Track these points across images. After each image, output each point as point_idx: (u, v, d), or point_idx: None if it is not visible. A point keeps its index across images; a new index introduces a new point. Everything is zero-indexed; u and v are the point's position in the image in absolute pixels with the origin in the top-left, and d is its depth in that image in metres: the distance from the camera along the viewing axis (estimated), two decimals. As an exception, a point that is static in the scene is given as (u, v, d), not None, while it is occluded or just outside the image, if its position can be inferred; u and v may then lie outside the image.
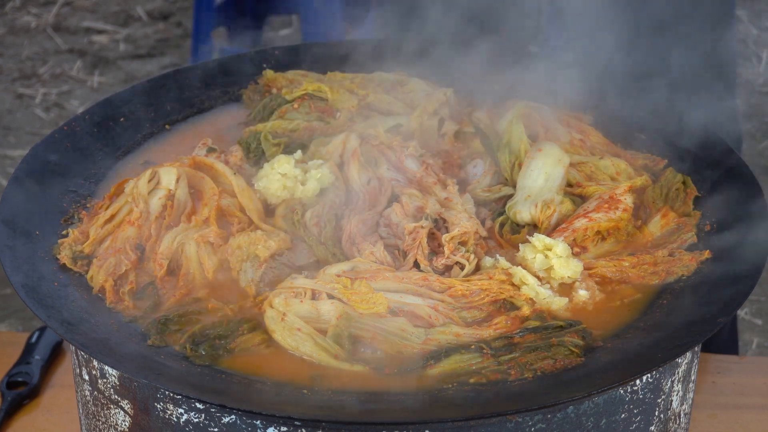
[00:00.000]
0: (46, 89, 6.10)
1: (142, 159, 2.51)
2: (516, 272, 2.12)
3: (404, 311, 2.05)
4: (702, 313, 2.04)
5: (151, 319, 2.08)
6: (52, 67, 6.28)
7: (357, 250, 2.19)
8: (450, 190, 2.30)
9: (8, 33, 6.58)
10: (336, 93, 2.59)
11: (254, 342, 2.03)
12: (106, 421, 2.13)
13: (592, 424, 1.99)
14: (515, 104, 2.53)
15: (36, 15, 6.70)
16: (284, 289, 2.08)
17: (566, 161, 2.38)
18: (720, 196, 2.32)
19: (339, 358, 1.99)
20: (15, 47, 6.46)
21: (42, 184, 2.34)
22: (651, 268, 2.17)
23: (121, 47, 6.45)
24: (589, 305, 2.12)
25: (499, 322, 2.05)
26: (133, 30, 6.59)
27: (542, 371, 1.95)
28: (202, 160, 2.38)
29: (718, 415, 2.70)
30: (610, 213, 2.25)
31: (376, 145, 2.42)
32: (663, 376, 2.07)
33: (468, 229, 2.20)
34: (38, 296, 2.07)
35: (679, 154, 2.45)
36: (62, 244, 2.21)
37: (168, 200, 2.28)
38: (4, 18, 6.68)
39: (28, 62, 6.33)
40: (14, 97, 6.08)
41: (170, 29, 6.63)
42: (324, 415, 1.87)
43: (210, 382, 1.93)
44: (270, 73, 2.70)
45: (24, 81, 6.19)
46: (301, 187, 2.31)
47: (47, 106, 6.00)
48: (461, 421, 1.89)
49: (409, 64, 2.72)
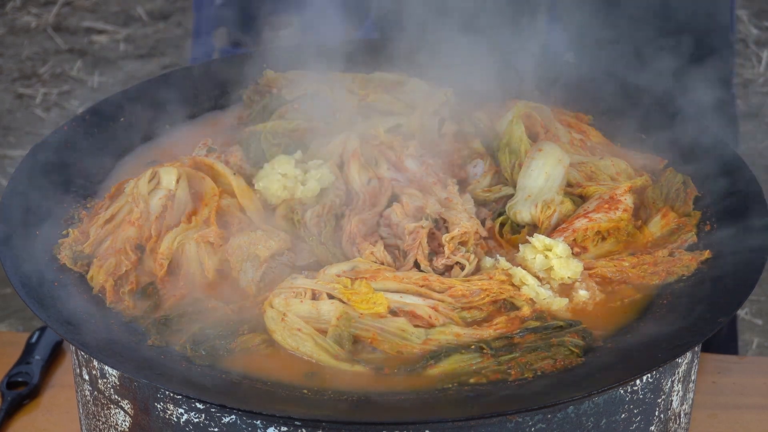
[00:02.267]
0: (46, 89, 6.10)
1: (142, 159, 2.51)
2: (516, 273, 2.12)
3: (404, 311, 2.05)
4: (702, 313, 2.04)
5: (151, 319, 2.08)
6: (52, 67, 6.28)
7: (357, 250, 2.19)
8: (450, 190, 2.30)
9: (8, 33, 6.58)
10: (336, 93, 2.59)
11: (254, 342, 2.03)
12: (106, 421, 2.13)
13: (592, 424, 1.99)
14: (515, 104, 2.53)
15: (36, 15, 6.70)
16: (284, 289, 2.08)
17: (566, 161, 2.38)
18: (720, 197, 2.32)
19: (339, 359, 1.99)
20: (15, 47, 6.47)
21: (42, 184, 2.34)
22: (651, 268, 2.17)
23: (121, 47, 6.45)
24: (589, 305, 2.12)
25: (499, 322, 2.05)
26: (133, 30, 6.59)
27: (542, 371, 1.95)
28: (202, 161, 2.38)
29: (718, 415, 2.70)
30: (611, 213, 2.25)
31: (376, 145, 2.42)
32: (663, 376, 2.07)
33: (468, 229, 2.20)
34: (38, 296, 2.07)
35: (679, 154, 2.45)
36: (62, 244, 2.21)
37: (168, 200, 2.28)
38: (4, 18, 6.69)
39: (28, 62, 6.34)
40: (14, 97, 6.08)
41: (170, 29, 6.63)
42: (324, 415, 1.87)
43: (210, 382, 1.93)
44: (270, 73, 2.70)
45: (24, 81, 6.19)
46: (301, 187, 2.31)
47: (47, 106, 6.00)
48: (461, 421, 1.89)
49: (409, 65, 2.73)
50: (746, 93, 5.98)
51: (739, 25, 6.41)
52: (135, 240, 2.22)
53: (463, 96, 2.60)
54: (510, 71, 2.64)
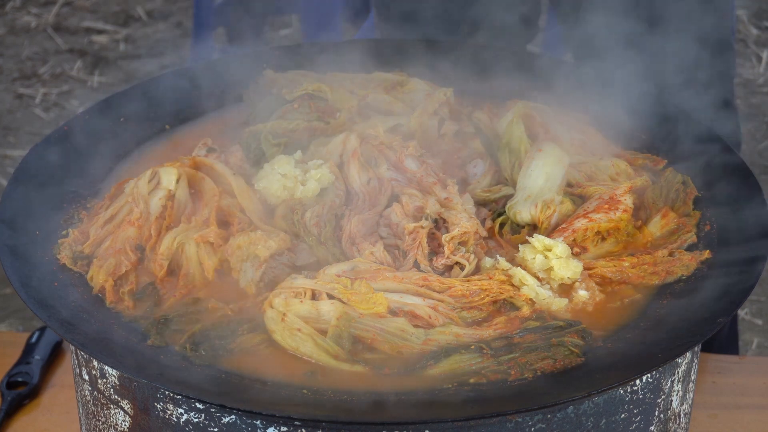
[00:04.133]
0: (46, 89, 6.10)
1: (142, 159, 2.51)
2: (516, 273, 2.12)
3: (404, 311, 2.05)
4: (702, 313, 2.04)
5: (151, 319, 2.08)
6: (52, 67, 6.28)
7: (357, 250, 2.19)
8: (450, 190, 2.30)
9: (8, 33, 6.58)
10: (336, 93, 2.59)
11: (254, 342, 2.03)
12: (106, 421, 2.13)
13: (592, 424, 1.99)
14: (515, 104, 2.53)
15: (36, 15, 6.70)
16: (284, 289, 2.08)
17: (566, 161, 2.38)
18: (720, 196, 2.32)
19: (339, 359, 1.99)
20: (15, 47, 6.46)
21: (42, 184, 2.34)
22: (651, 268, 2.17)
23: (121, 47, 6.45)
24: (589, 305, 2.12)
25: (499, 322, 2.05)
26: (133, 30, 6.59)
27: (542, 371, 1.95)
28: (202, 161, 2.38)
29: (718, 415, 2.70)
30: (610, 213, 2.25)
31: (376, 145, 2.42)
32: (663, 376, 2.07)
33: (468, 229, 2.20)
34: (38, 296, 2.07)
35: (679, 154, 2.45)
36: (62, 244, 2.21)
37: (168, 200, 2.28)
38: (4, 18, 6.68)
39: (28, 62, 6.33)
40: (14, 97, 6.08)
41: (170, 29, 6.63)
42: (324, 415, 1.87)
43: (210, 382, 1.93)
44: (270, 73, 2.69)
45: (24, 81, 6.19)
46: (301, 187, 2.31)
47: (47, 106, 6.00)
48: (461, 421, 1.89)
49: (408, 65, 2.73)
50: (746, 93, 5.98)
51: (739, 25, 6.41)
52: (135, 240, 2.22)
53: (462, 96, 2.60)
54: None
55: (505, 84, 2.68)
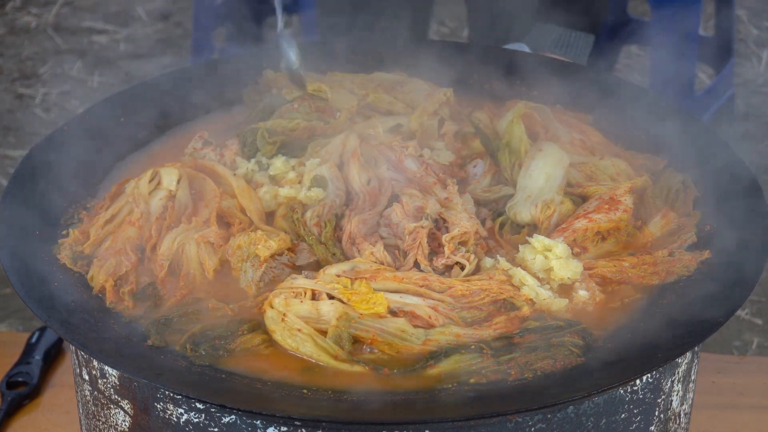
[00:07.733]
0: (46, 89, 6.10)
1: (143, 159, 2.51)
2: (516, 273, 2.12)
3: (404, 311, 2.05)
4: (702, 313, 2.04)
5: (151, 319, 2.08)
6: (52, 67, 6.28)
7: (357, 250, 2.19)
8: (450, 190, 2.30)
9: (8, 33, 6.58)
10: (336, 93, 2.59)
11: (254, 342, 2.03)
12: (106, 421, 2.13)
13: (592, 424, 1.99)
14: (515, 104, 2.53)
15: (36, 15, 6.70)
16: (284, 289, 2.08)
17: (566, 161, 2.38)
18: (720, 196, 2.31)
19: (339, 359, 1.99)
20: (15, 47, 6.46)
21: (42, 184, 2.34)
22: (651, 268, 2.17)
23: (121, 47, 6.45)
24: (589, 306, 2.12)
25: (499, 322, 2.05)
26: (133, 30, 6.59)
27: (542, 371, 1.95)
28: (203, 162, 2.39)
29: (718, 415, 2.70)
30: (610, 213, 2.25)
31: (376, 145, 2.42)
32: (663, 376, 2.07)
33: (468, 229, 2.20)
34: (38, 296, 2.07)
35: (679, 155, 2.45)
36: (62, 244, 2.21)
37: (169, 201, 2.28)
38: (4, 18, 6.69)
39: (28, 62, 6.34)
40: (14, 97, 6.08)
41: (170, 29, 6.63)
42: (324, 415, 1.87)
43: (210, 382, 1.93)
44: (270, 73, 2.70)
45: (24, 81, 6.19)
46: (301, 187, 2.31)
47: (47, 106, 6.00)
48: (461, 421, 1.89)
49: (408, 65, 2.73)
50: (746, 93, 5.98)
51: (739, 25, 6.41)
52: (135, 240, 2.22)
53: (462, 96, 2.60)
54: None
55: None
